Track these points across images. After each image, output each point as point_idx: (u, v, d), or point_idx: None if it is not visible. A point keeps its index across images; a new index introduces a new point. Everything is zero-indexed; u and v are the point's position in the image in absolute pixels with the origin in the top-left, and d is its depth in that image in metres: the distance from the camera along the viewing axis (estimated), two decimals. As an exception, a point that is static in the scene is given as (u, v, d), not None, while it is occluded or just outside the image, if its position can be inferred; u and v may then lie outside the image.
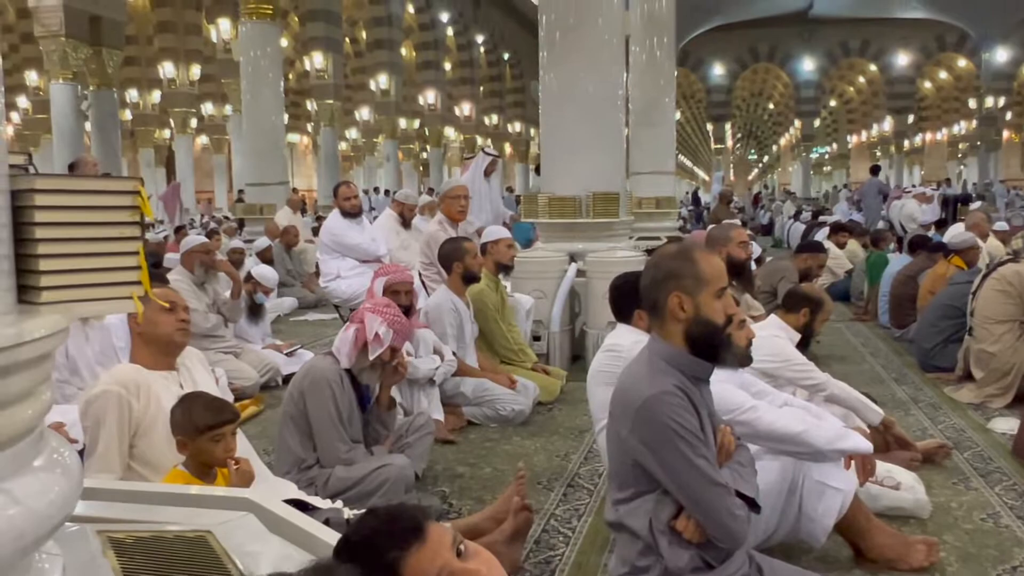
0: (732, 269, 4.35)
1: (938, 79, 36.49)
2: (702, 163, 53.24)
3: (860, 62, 33.40)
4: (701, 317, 2.13)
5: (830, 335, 7.06)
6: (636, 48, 11.03)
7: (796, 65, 31.63)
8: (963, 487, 3.54)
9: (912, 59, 31.04)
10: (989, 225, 8.60)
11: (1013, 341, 4.85)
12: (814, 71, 31.53)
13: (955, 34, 29.33)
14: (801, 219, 15.62)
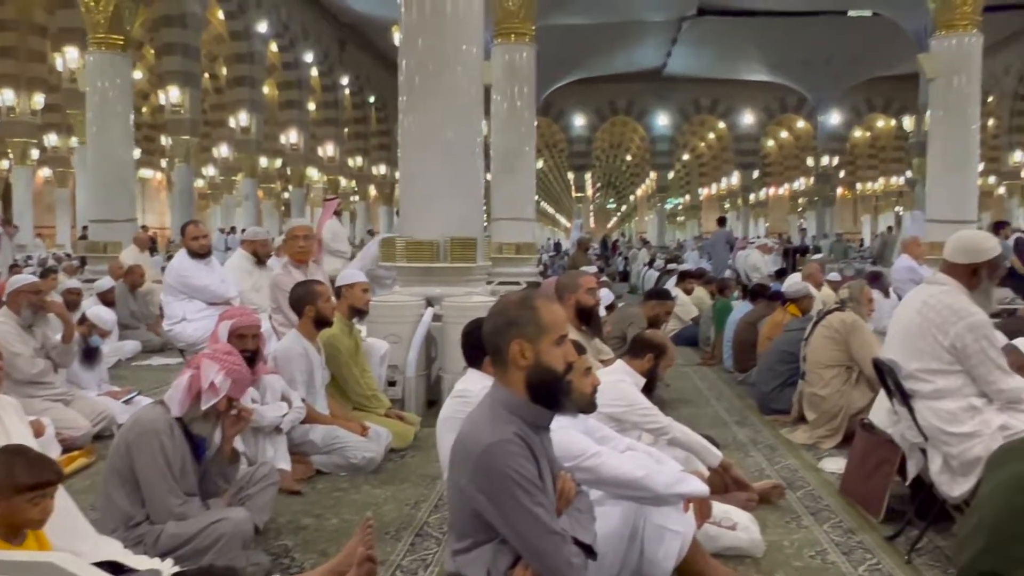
0: (580, 315, 4.48)
1: (780, 138, 39.08)
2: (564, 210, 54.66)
3: (710, 119, 35.34)
4: (542, 364, 2.15)
5: (679, 379, 7.32)
6: (498, 97, 11.26)
7: (652, 120, 33.11)
8: (795, 525, 3.71)
9: (757, 118, 33.09)
10: (823, 275, 9.20)
11: (841, 385, 5.17)
12: (668, 126, 33.09)
13: (795, 97, 31.52)
14: (655, 266, 16.23)
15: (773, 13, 22.32)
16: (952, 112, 10.41)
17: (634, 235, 40.74)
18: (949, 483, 3.24)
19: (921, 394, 3.28)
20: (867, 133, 36.43)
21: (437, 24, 6.28)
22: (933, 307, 3.27)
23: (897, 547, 3.43)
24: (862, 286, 5.61)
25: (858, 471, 4.01)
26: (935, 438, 3.25)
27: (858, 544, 3.48)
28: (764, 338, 6.57)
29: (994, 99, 25.94)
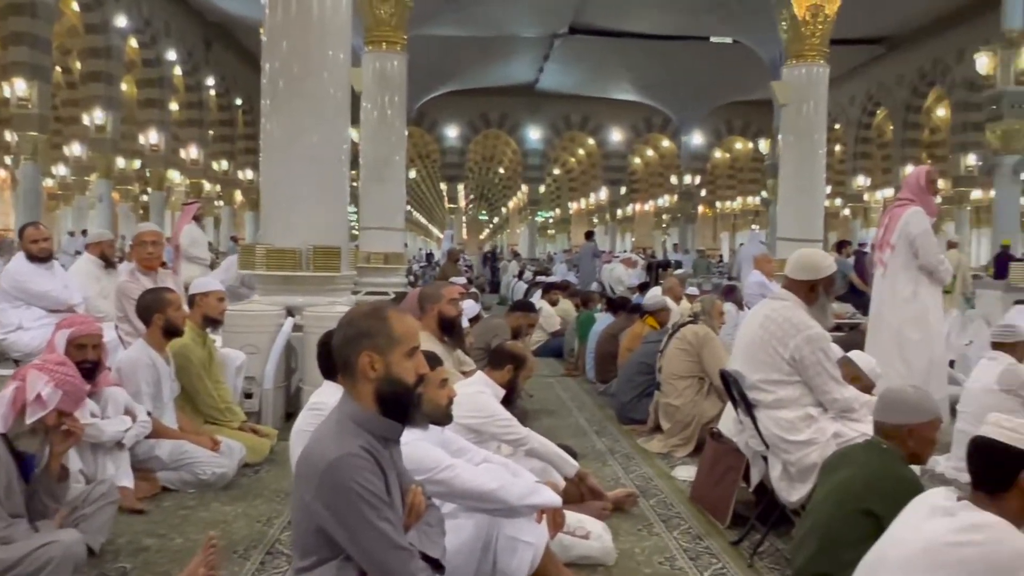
0: (443, 326, 4.46)
1: (646, 156, 40.43)
2: (437, 221, 54.61)
3: (580, 135, 36.14)
4: (392, 377, 2.11)
5: (542, 390, 7.42)
6: (368, 105, 11.14)
7: (524, 133, 33.55)
8: (647, 533, 3.81)
9: (624, 136, 34.08)
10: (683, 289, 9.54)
11: (693, 395, 5.37)
12: (540, 140, 33.60)
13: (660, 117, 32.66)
14: (524, 278, 16.42)
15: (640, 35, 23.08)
16: (801, 137, 11.04)
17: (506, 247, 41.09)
18: (788, 489, 3.41)
19: (763, 404, 3.44)
20: (727, 154, 38.13)
21: (303, 27, 6.15)
22: (774, 321, 3.44)
23: (741, 551, 3.57)
24: (713, 300, 5.85)
25: (707, 478, 4.16)
26: (775, 446, 3.42)
27: (705, 549, 3.61)
28: (624, 350, 6.74)
29: (841, 127, 27.70)
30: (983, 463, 2.09)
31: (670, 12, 20.82)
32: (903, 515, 2.20)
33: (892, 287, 5.15)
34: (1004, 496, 2.03)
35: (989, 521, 1.99)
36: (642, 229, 41.74)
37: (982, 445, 2.10)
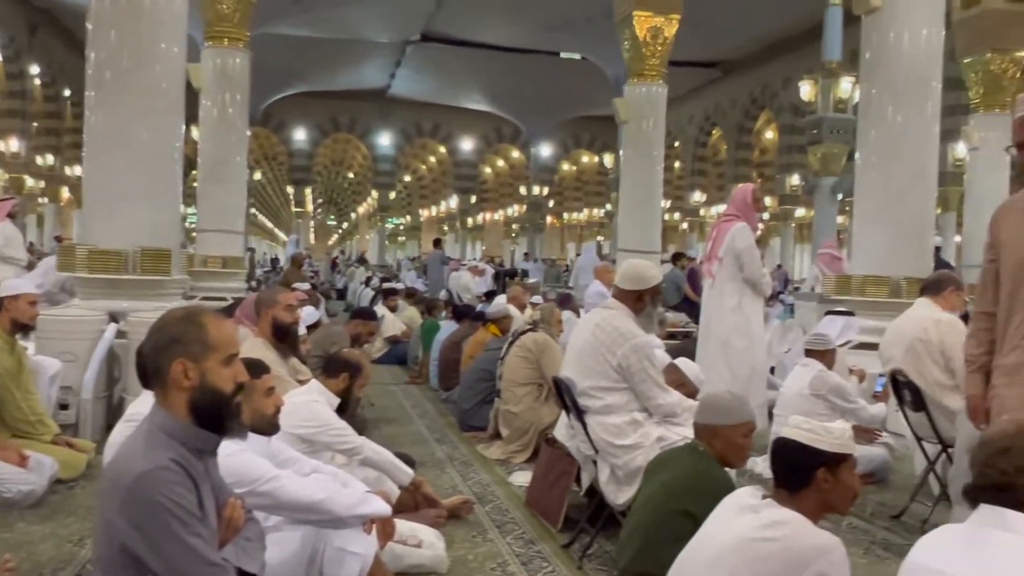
0: (277, 332, 4.33)
1: (496, 166, 40.93)
2: (284, 225, 53.11)
3: (431, 143, 36.16)
4: (207, 385, 2.02)
5: (385, 397, 7.35)
6: (207, 102, 10.70)
7: (375, 138, 33.21)
8: (481, 539, 3.83)
9: (475, 145, 34.39)
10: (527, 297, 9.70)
11: (532, 402, 5.46)
12: (391, 146, 33.36)
13: (510, 128, 33.18)
14: (371, 285, 16.22)
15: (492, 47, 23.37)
16: (641, 153, 11.48)
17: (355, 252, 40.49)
18: (615, 491, 3.52)
19: (593, 410, 3.54)
20: (574, 167, 39.20)
21: (133, 16, 5.84)
22: (604, 329, 3.55)
23: (572, 554, 3.65)
24: (552, 308, 5.99)
25: (541, 483, 4.24)
26: (604, 450, 3.52)
27: (537, 553, 3.67)
28: (467, 357, 6.78)
29: (680, 144, 29.06)
30: (784, 462, 2.23)
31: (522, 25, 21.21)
32: (714, 513, 2.32)
33: (719, 298, 5.41)
34: (803, 493, 2.17)
35: (788, 517, 2.11)
36: (492, 238, 42.22)
37: (783, 446, 2.23)
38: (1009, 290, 2.69)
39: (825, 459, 2.15)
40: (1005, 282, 2.70)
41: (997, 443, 1.66)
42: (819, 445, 2.17)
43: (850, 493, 2.19)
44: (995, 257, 2.76)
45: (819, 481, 2.16)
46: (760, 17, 19.98)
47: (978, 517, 1.64)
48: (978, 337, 2.84)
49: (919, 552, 1.72)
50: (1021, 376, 2.65)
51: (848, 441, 2.19)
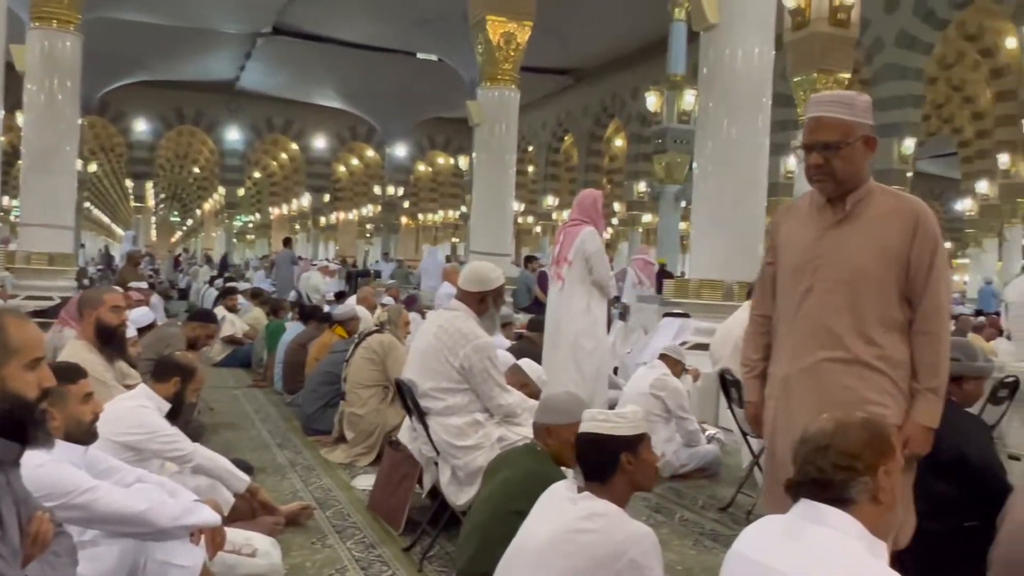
0: (101, 334, 4.08)
1: (351, 164, 40.28)
2: (122, 221, 50.25)
3: (283, 139, 35.15)
4: (7, 392, 1.87)
5: (226, 402, 7.08)
6: (33, 87, 10.00)
7: (222, 133, 31.95)
8: (320, 545, 3.75)
9: (329, 143, 33.72)
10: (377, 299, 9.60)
11: (378, 404, 5.39)
12: (240, 141, 32.18)
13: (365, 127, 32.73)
14: (215, 285, 15.59)
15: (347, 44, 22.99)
16: (493, 156, 11.60)
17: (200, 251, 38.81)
18: (456, 492, 3.53)
19: (434, 411, 3.54)
20: (429, 168, 39.14)
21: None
22: (446, 330, 3.56)
23: (413, 557, 3.64)
24: (399, 309, 5.94)
25: (384, 486, 4.20)
26: (445, 451, 3.52)
27: (377, 558, 3.63)
28: (312, 359, 6.63)
29: (534, 149, 29.58)
30: (589, 455, 2.35)
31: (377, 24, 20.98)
32: (535, 508, 2.37)
33: (569, 300, 5.51)
34: (613, 480, 2.30)
35: (604, 509, 2.22)
36: (345, 238, 41.49)
37: (585, 440, 2.36)
38: (781, 297, 2.58)
39: (625, 443, 2.30)
40: (779, 287, 2.59)
41: (817, 441, 1.73)
42: (617, 431, 2.32)
43: (652, 469, 2.38)
44: (773, 260, 2.65)
45: (624, 465, 2.31)
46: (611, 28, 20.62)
47: (797, 511, 1.72)
48: (756, 341, 2.70)
49: (742, 543, 1.80)
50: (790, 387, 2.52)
51: (640, 422, 2.37)
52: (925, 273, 2.38)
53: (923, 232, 2.38)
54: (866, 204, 2.44)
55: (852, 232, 2.42)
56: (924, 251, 2.38)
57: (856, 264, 2.40)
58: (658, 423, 5.18)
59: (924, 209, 2.43)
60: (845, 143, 2.37)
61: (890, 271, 2.38)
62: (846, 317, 2.40)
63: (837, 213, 2.45)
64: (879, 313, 2.40)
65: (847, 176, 2.40)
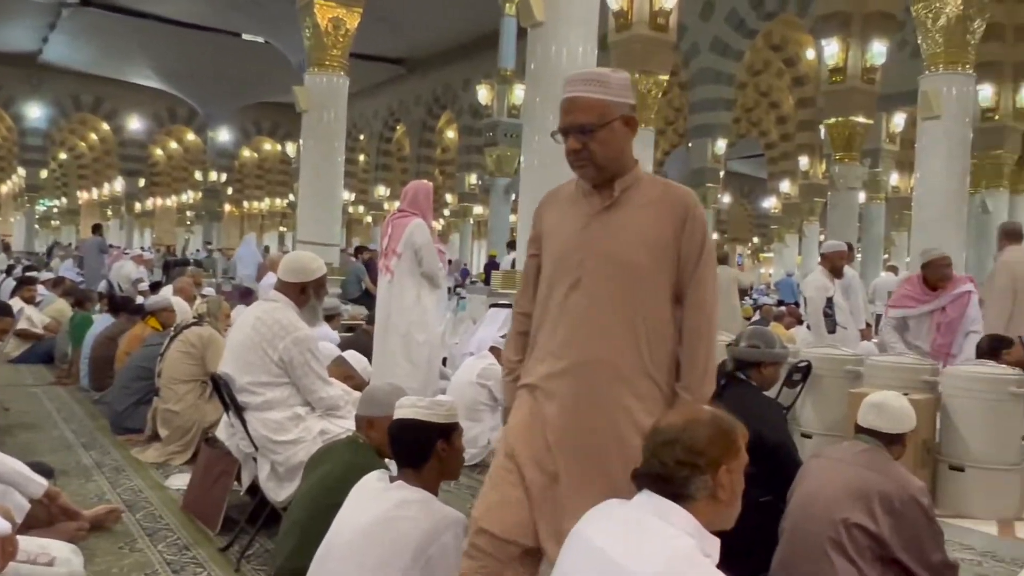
0: None
1: (170, 148, 38.18)
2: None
3: (93, 119, 32.86)
4: None
5: (24, 401, 6.57)
6: None
7: (22, 109, 29.43)
8: (128, 550, 3.55)
9: (145, 125, 31.83)
10: (197, 289, 9.17)
11: (195, 400, 5.16)
12: (42, 119, 29.77)
13: (185, 109, 31.15)
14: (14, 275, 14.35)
15: (163, 19, 21.76)
16: (321, 143, 11.32)
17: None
18: (276, 488, 3.44)
19: (252, 406, 3.43)
20: (255, 154, 37.74)
21: None
22: (265, 322, 3.45)
23: (230, 556, 3.51)
24: (220, 301, 5.70)
25: (200, 485, 4.02)
26: (264, 447, 3.42)
27: (191, 560, 3.47)
28: (123, 353, 6.24)
29: (365, 138, 29.17)
30: (406, 441, 2.40)
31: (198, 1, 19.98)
32: (348, 500, 2.36)
33: (400, 292, 5.46)
34: (426, 467, 2.36)
35: (416, 496, 2.27)
36: (163, 225, 39.28)
37: (403, 427, 2.40)
38: (544, 292, 2.27)
39: (441, 430, 2.37)
40: (543, 281, 2.28)
41: (665, 434, 1.74)
42: (434, 419, 2.39)
43: (460, 458, 2.46)
44: (537, 251, 2.34)
45: (439, 452, 2.38)
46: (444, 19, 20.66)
47: (639, 501, 1.75)
48: (516, 342, 2.37)
49: (586, 525, 1.81)
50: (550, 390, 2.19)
51: (455, 411, 2.44)
52: (693, 266, 2.16)
53: (692, 223, 2.17)
54: (634, 191, 2.19)
55: (620, 221, 2.17)
56: (693, 243, 2.16)
57: (625, 255, 2.15)
58: (484, 411, 5.26)
59: (694, 200, 2.22)
60: (601, 124, 2.12)
61: (660, 263, 2.15)
62: (614, 313, 2.14)
63: (604, 199, 2.18)
64: (649, 308, 2.15)
65: (608, 160, 2.15)
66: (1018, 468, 4.77)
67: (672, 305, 2.19)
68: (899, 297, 5.85)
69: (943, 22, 9.55)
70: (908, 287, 5.85)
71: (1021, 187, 15.85)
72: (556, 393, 2.17)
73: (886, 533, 2.59)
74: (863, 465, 2.71)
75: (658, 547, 1.64)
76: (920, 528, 2.63)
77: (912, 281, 5.85)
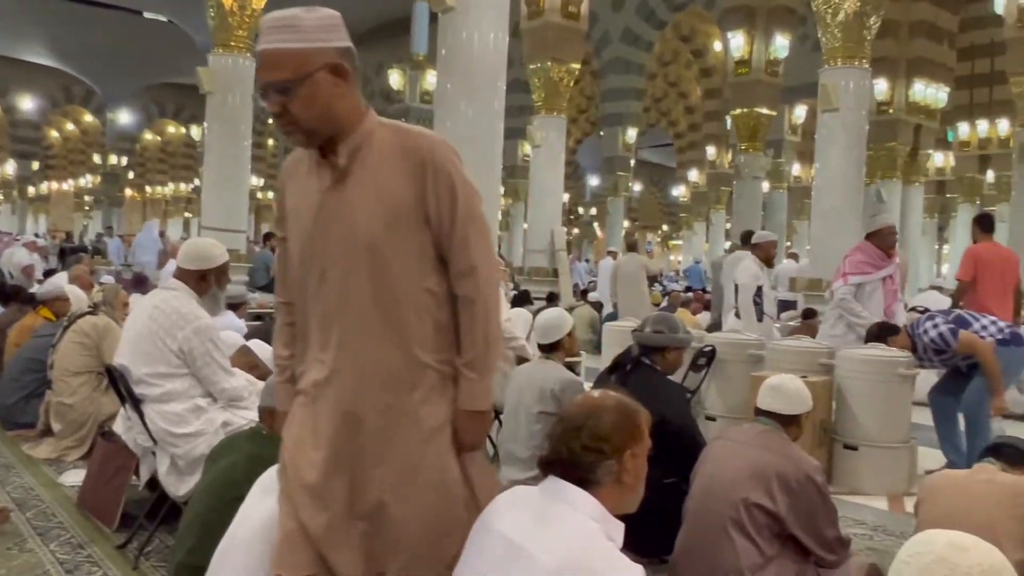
0: None
1: (66, 130, 36.47)
2: None
3: (-20, 98, 31.17)
4: None
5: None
6: None
7: (-102, 86, 27.70)
8: (17, 551, 3.39)
9: (38, 105, 30.33)
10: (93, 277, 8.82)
11: (91, 392, 4.95)
12: (-75, 97, 28.10)
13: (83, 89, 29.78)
14: None
15: (57, -6, 20.77)
16: (227, 127, 10.97)
17: None
18: (176, 483, 3.33)
19: (151, 398, 3.31)
20: (158, 137, 36.41)
21: None
22: (163, 311, 3.33)
23: (128, 554, 3.39)
24: (117, 290, 5.48)
25: (96, 481, 3.87)
26: (163, 440, 3.31)
27: (86, 558, 3.34)
28: (12, 345, 5.93)
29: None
30: None
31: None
32: (249, 494, 2.31)
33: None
34: None
35: None
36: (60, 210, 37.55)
37: None
38: (299, 282, 1.93)
39: None
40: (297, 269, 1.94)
41: (572, 421, 1.77)
42: None
43: None
44: (284, 233, 1.99)
45: None
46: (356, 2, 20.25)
47: (545, 487, 1.77)
48: (283, 335, 2.05)
49: (490, 512, 1.81)
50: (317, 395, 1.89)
51: None
52: (448, 226, 1.83)
53: (434, 174, 1.80)
54: (366, 151, 1.83)
55: (354, 192, 1.82)
56: (441, 198, 1.81)
57: (364, 234, 1.81)
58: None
59: (434, 144, 1.84)
60: (299, 79, 1.75)
61: (405, 231, 1.81)
62: (368, 304, 1.83)
63: (334, 169, 1.84)
64: (405, 287, 1.83)
65: (317, 121, 1.78)
66: (907, 445, 5.01)
67: (437, 271, 1.86)
68: (856, 264, 5.82)
69: (841, 17, 9.90)
70: (862, 255, 5.86)
71: (913, 178, 16.62)
72: (324, 405, 1.87)
73: (783, 511, 2.68)
74: (762, 446, 2.79)
75: (563, 533, 1.65)
76: (815, 506, 2.73)
77: (865, 249, 5.88)
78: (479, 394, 1.89)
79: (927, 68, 15.82)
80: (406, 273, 1.83)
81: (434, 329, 1.87)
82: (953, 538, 1.28)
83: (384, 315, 1.83)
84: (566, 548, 1.62)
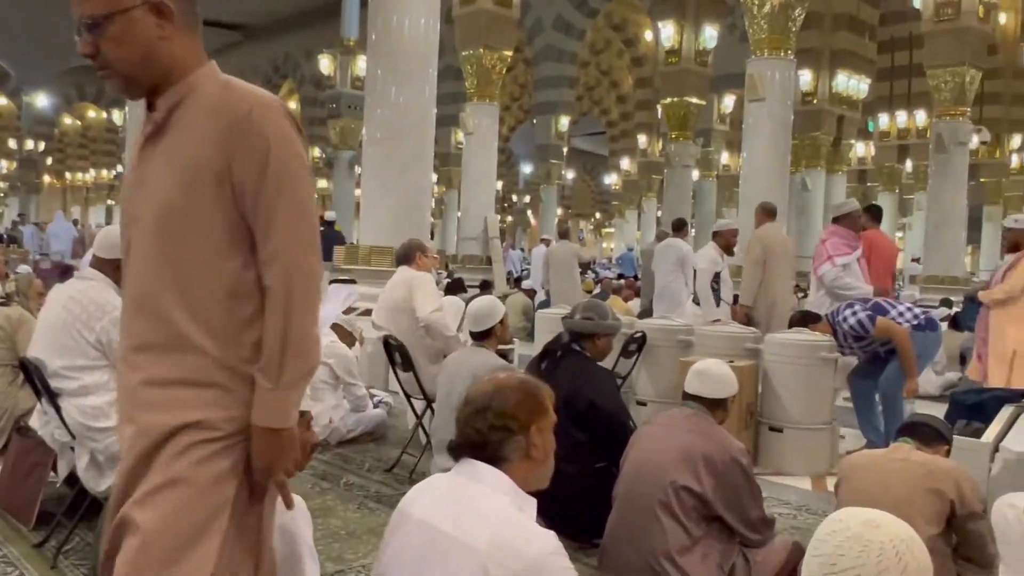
0: None
1: (-22, 113, 34.96)
2: None
3: None
4: None
5: None
6: None
7: None
8: (-75, 553, 3.24)
9: (-53, 87, 28.98)
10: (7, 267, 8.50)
11: (7, 386, 4.75)
12: None
13: (-4, 71, 28.58)
14: None
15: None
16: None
17: None
18: (96, 478, 3.23)
19: (68, 392, 3.19)
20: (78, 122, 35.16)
21: None
22: (79, 302, 3.21)
23: (46, 553, 3.28)
24: (31, 279, 5.28)
25: (11, 478, 3.73)
26: (82, 435, 3.20)
27: (1, 559, 3.23)
28: (-80, 338, 5.66)
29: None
30: None
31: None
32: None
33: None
34: None
35: None
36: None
37: None
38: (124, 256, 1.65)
39: None
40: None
41: (477, 403, 1.82)
42: None
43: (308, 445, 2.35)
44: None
45: None
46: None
47: (458, 469, 1.81)
48: None
49: (407, 502, 1.85)
50: None
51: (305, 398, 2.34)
52: (253, 198, 1.52)
53: (243, 135, 1.52)
54: (191, 107, 1.57)
55: (165, 153, 1.57)
56: (247, 165, 1.52)
57: (163, 200, 1.54)
58: (326, 390, 5.15)
59: (257, 104, 1.55)
60: (109, 15, 1.52)
61: (202, 199, 1.53)
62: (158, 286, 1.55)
63: (148, 127, 1.61)
64: (197, 269, 1.54)
65: (132, 66, 1.56)
66: (828, 427, 5.16)
67: (240, 254, 1.55)
68: (837, 246, 6.06)
69: (767, 9, 10.11)
70: (839, 238, 6.08)
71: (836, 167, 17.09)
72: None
73: (709, 493, 2.73)
74: (688, 430, 2.84)
75: (478, 510, 1.69)
76: (740, 487, 2.79)
77: (838, 232, 6.11)
78: (273, 407, 1.54)
79: (849, 60, 16.26)
80: (194, 250, 1.54)
81: (224, 319, 1.55)
82: (867, 515, 1.33)
83: (172, 301, 1.54)
84: (485, 525, 1.66)
